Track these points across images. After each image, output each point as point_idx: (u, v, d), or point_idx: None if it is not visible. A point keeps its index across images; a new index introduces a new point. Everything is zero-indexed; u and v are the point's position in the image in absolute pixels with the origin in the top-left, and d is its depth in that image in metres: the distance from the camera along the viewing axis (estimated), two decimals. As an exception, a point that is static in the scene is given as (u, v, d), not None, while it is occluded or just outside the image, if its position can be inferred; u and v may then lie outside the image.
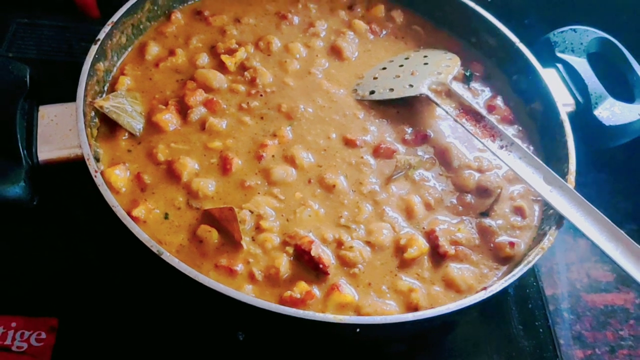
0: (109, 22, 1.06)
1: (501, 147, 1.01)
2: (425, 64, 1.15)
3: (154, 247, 0.82)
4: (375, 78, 1.15)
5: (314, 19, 1.24)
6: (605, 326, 1.18)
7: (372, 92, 1.12)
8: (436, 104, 1.08)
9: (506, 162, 0.99)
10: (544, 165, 0.99)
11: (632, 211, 1.35)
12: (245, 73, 1.11)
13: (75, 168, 0.93)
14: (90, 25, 1.20)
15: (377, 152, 1.05)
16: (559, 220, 0.95)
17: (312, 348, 0.95)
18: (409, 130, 1.10)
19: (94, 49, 1.02)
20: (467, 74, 1.20)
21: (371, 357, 1.00)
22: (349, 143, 1.05)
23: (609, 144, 1.16)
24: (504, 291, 1.08)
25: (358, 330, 0.81)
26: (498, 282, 0.88)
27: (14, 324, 0.96)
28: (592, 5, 1.36)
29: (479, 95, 1.19)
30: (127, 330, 0.98)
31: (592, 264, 1.27)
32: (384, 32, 1.25)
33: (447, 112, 1.06)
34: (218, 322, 0.97)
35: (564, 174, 1.02)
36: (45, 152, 0.93)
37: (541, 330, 1.10)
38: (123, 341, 0.97)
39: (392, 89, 1.12)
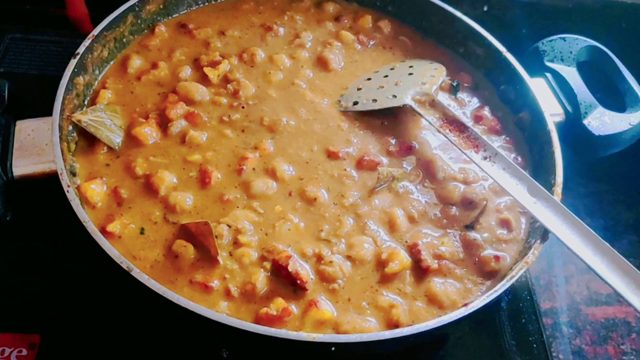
0: (90, 35, 1.06)
1: (485, 158, 0.99)
2: (410, 74, 1.14)
3: (124, 263, 0.80)
4: (359, 89, 1.14)
5: (299, 30, 1.23)
6: (607, 340, 1.16)
7: (355, 103, 1.11)
8: (419, 114, 1.06)
9: (489, 173, 0.97)
10: (528, 176, 0.97)
11: (633, 222, 1.34)
12: (228, 85, 1.10)
13: (52, 183, 0.91)
14: (83, 40, 1.20)
15: (360, 164, 1.03)
16: (544, 233, 0.93)
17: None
18: (394, 141, 1.08)
19: (72, 62, 1.01)
20: (454, 84, 1.18)
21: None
22: (332, 155, 1.04)
23: (599, 154, 1.14)
24: (494, 306, 1.06)
25: (333, 348, 0.78)
26: (480, 298, 0.85)
27: (-7, 341, 0.94)
28: (582, 13, 1.35)
29: (466, 106, 1.17)
30: (109, 346, 0.96)
31: (592, 276, 1.23)
32: (372, 43, 1.24)
33: (430, 123, 1.04)
34: (200, 339, 0.95)
35: (550, 186, 0.99)
36: (21, 167, 0.93)
37: (535, 345, 1.07)
38: (104, 358, 0.96)
39: (375, 100, 1.10)
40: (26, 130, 0.96)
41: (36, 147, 0.94)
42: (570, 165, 1.06)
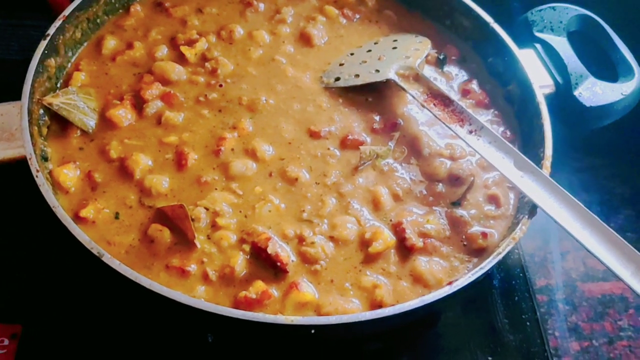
0: (60, 16, 1.02)
1: (470, 132, 0.95)
2: (394, 48, 1.10)
3: (94, 249, 0.78)
4: (341, 64, 1.10)
5: (280, 5, 1.19)
6: (603, 316, 1.14)
7: (337, 79, 1.07)
8: (403, 88, 1.03)
9: (475, 147, 0.94)
10: (515, 149, 0.94)
11: (629, 196, 1.30)
12: (206, 64, 1.07)
13: (24, 168, 0.88)
14: None
15: (344, 143, 1.00)
16: (532, 208, 0.90)
17: (284, 347, 0.90)
18: (378, 118, 1.05)
19: (42, 44, 0.98)
20: (441, 57, 1.14)
21: (348, 355, 0.96)
22: (314, 135, 1.00)
23: (591, 126, 1.10)
24: (486, 284, 1.03)
25: (313, 331, 0.76)
26: (465, 276, 0.82)
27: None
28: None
29: (453, 79, 1.13)
30: (90, 334, 0.94)
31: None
32: (357, 17, 1.20)
33: (414, 97, 1.01)
34: (183, 325, 0.93)
35: (539, 159, 0.96)
36: (-11, 153, 0.90)
37: (528, 323, 1.05)
38: (87, 347, 0.94)
39: (357, 75, 1.07)
40: (-6, 114, 0.93)
41: (5, 132, 0.92)
42: (564, 139, 1.03)
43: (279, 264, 0.85)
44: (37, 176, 0.84)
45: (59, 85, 1.03)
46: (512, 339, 1.03)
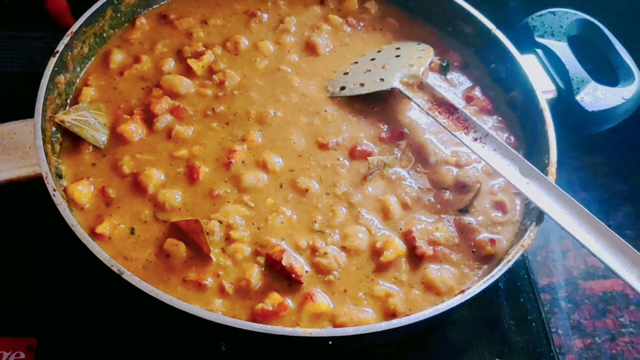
0: (68, 32, 1.03)
1: (475, 140, 0.97)
2: (398, 56, 1.11)
3: (115, 266, 0.79)
4: (346, 73, 1.12)
5: (283, 15, 1.20)
6: (605, 313, 1.16)
7: (342, 88, 1.09)
8: (408, 97, 1.04)
9: (480, 154, 0.96)
10: (520, 156, 0.95)
11: (628, 194, 1.32)
12: (214, 76, 1.08)
13: (38, 185, 0.90)
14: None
15: (352, 153, 1.02)
16: (540, 215, 0.91)
17: (297, 357, 0.92)
18: (385, 127, 1.06)
19: (52, 61, 0.99)
20: (444, 64, 1.16)
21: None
22: (322, 146, 1.02)
23: (593, 130, 1.12)
24: (491, 287, 1.05)
25: (330, 342, 0.77)
26: (477, 284, 0.84)
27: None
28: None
29: (456, 86, 1.15)
30: (106, 347, 0.96)
31: (589, 250, 1.25)
32: (361, 25, 1.21)
33: (419, 106, 1.02)
34: (198, 336, 0.94)
35: (544, 165, 0.98)
36: (5, 171, 0.91)
37: (534, 324, 1.07)
38: (102, 359, 0.95)
39: (362, 84, 1.08)
40: (8, 133, 0.94)
41: (19, 151, 0.92)
42: (563, 139, 1.05)
43: (293, 275, 0.86)
44: (54, 195, 0.85)
45: (68, 101, 1.04)
46: (518, 340, 1.04)
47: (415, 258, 0.92)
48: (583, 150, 1.36)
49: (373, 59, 1.13)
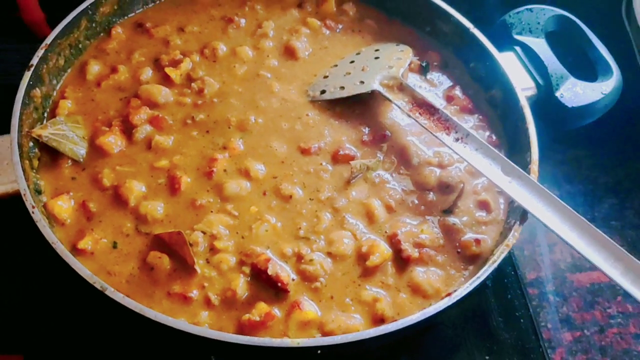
0: (42, 44, 1.01)
1: (456, 140, 0.97)
2: (377, 58, 1.11)
3: (97, 283, 0.78)
4: (326, 77, 1.11)
5: (261, 19, 1.19)
6: (593, 305, 1.17)
7: (323, 92, 1.08)
8: (388, 99, 1.04)
9: (462, 155, 0.96)
10: (502, 155, 0.96)
11: (612, 185, 1.34)
12: (192, 84, 1.07)
13: (17, 201, 0.88)
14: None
15: (335, 158, 1.01)
16: (523, 213, 0.92)
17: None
18: (366, 130, 1.06)
19: (27, 75, 0.97)
20: (424, 64, 1.16)
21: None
22: (304, 152, 1.01)
23: (573, 126, 1.13)
24: (477, 288, 1.05)
25: (319, 351, 0.77)
26: (463, 286, 0.84)
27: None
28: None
29: (437, 86, 1.15)
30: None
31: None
32: (340, 27, 1.21)
33: (399, 107, 1.02)
34: (186, 349, 0.93)
35: (526, 163, 0.98)
36: (-18, 189, 0.89)
37: (522, 320, 1.07)
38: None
39: (343, 87, 1.08)
40: (-16, 150, 0.92)
41: (-3, 167, 0.91)
42: (546, 133, 1.05)
43: (279, 284, 0.86)
44: (33, 212, 0.84)
45: (45, 114, 1.02)
46: (507, 337, 1.05)
47: (401, 261, 0.92)
48: (566, 144, 1.37)
49: (352, 62, 1.13)
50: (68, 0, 1.23)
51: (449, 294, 0.84)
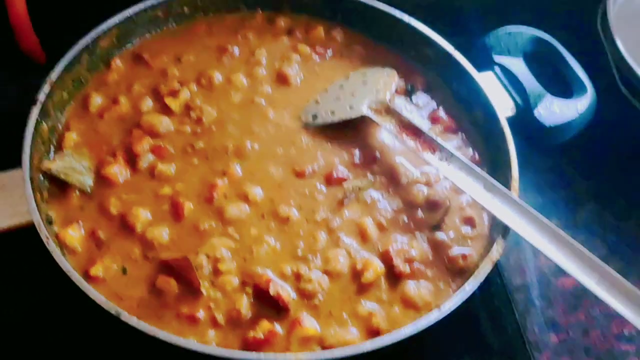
0: (48, 81, 1.06)
1: (441, 160, 1.03)
2: (365, 82, 1.17)
3: (112, 309, 0.83)
4: (317, 102, 1.17)
5: (254, 47, 1.24)
6: (577, 308, 1.21)
7: (315, 117, 1.14)
8: (377, 123, 1.10)
9: (446, 174, 1.01)
10: (484, 174, 1.01)
11: (593, 191, 1.37)
12: (191, 113, 1.12)
13: (28, 232, 0.93)
14: (37, 72, 1.15)
15: (329, 180, 1.07)
16: (505, 228, 0.98)
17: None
18: (357, 152, 1.11)
19: (35, 111, 1.02)
20: (409, 87, 1.22)
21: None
22: (299, 175, 1.07)
23: (551, 143, 1.18)
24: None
25: (320, 365, 0.83)
26: (452, 300, 0.90)
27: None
28: (525, 4, 1.38)
29: (422, 108, 1.20)
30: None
31: (559, 247, 1.28)
32: (329, 53, 1.26)
33: (387, 130, 1.08)
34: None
35: (507, 181, 1.04)
36: (-4, 222, 0.94)
37: (509, 327, 1.12)
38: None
39: (333, 112, 1.13)
40: (-3, 184, 0.97)
41: (10, 201, 0.95)
42: (527, 148, 1.10)
43: (280, 303, 0.91)
44: (47, 243, 0.89)
45: (52, 146, 1.07)
46: (496, 344, 1.09)
47: (394, 277, 0.97)
48: (546, 152, 1.41)
49: (342, 86, 1.19)
50: (61, 25, 1.28)
51: (438, 307, 0.90)
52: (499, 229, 1.00)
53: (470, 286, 0.92)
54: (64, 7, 1.36)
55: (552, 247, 0.93)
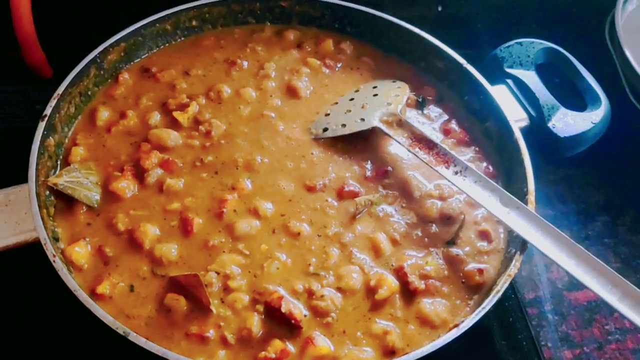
0: (55, 95, 1.05)
1: (455, 173, 1.01)
2: (375, 95, 1.15)
3: (120, 328, 0.81)
4: (327, 115, 1.15)
5: (263, 60, 1.23)
6: (591, 323, 1.19)
7: (325, 130, 1.12)
8: (388, 135, 1.08)
9: (461, 187, 1.00)
10: (499, 187, 0.99)
11: (604, 203, 1.37)
12: (200, 127, 1.10)
13: (34, 249, 0.91)
14: (44, 87, 1.17)
15: (340, 194, 1.05)
16: (523, 243, 0.96)
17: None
18: (369, 166, 1.10)
19: (41, 125, 1.00)
20: (420, 99, 1.20)
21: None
22: (310, 189, 1.05)
23: (565, 155, 1.17)
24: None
25: (334, 386, 0.80)
26: (469, 317, 0.88)
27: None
28: (536, 16, 1.37)
29: (434, 120, 1.19)
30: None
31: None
32: (339, 65, 1.25)
33: (399, 143, 1.06)
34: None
35: (523, 194, 1.02)
36: (1, 239, 0.92)
37: (525, 342, 1.10)
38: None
39: (344, 125, 1.12)
40: (3, 200, 0.95)
41: (15, 217, 0.94)
42: (540, 159, 1.09)
43: (293, 321, 0.89)
44: (54, 261, 0.87)
45: (59, 162, 1.06)
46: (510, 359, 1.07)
47: (409, 293, 0.95)
48: (558, 164, 1.40)
49: (352, 99, 1.17)
50: (68, 39, 1.28)
51: (456, 325, 0.87)
52: (516, 244, 0.98)
53: (488, 303, 0.89)
54: (70, 21, 1.36)
55: (572, 262, 0.91)
